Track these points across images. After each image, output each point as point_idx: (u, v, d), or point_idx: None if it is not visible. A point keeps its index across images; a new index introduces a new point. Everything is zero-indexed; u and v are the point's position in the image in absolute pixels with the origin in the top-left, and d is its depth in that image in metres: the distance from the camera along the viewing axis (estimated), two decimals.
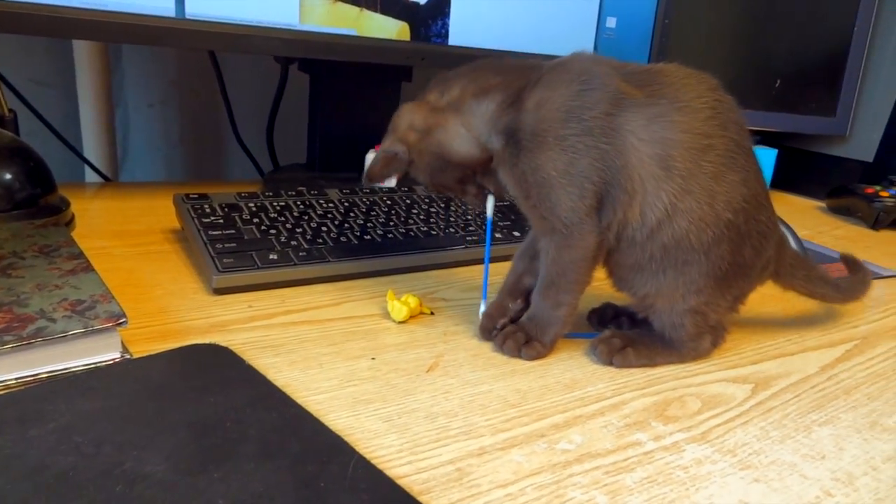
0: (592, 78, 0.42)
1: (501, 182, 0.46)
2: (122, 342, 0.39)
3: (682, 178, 0.42)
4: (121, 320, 0.37)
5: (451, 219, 0.66)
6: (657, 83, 0.43)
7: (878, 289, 0.68)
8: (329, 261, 0.55)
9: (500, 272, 0.51)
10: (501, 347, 0.46)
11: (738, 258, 0.44)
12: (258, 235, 0.56)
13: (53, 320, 0.37)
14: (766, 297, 0.58)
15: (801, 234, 0.77)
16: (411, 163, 0.46)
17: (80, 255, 0.45)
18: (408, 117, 0.45)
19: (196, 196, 0.60)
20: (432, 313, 0.51)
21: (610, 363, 0.46)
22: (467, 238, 0.62)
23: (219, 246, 0.53)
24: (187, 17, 0.60)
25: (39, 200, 0.58)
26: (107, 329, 0.37)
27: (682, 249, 0.43)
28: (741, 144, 0.44)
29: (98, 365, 0.37)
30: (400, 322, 0.49)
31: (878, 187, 0.97)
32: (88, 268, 0.43)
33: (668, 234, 0.43)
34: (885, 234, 0.92)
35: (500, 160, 0.44)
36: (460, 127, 0.44)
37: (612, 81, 0.42)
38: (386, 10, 0.69)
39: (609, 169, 0.41)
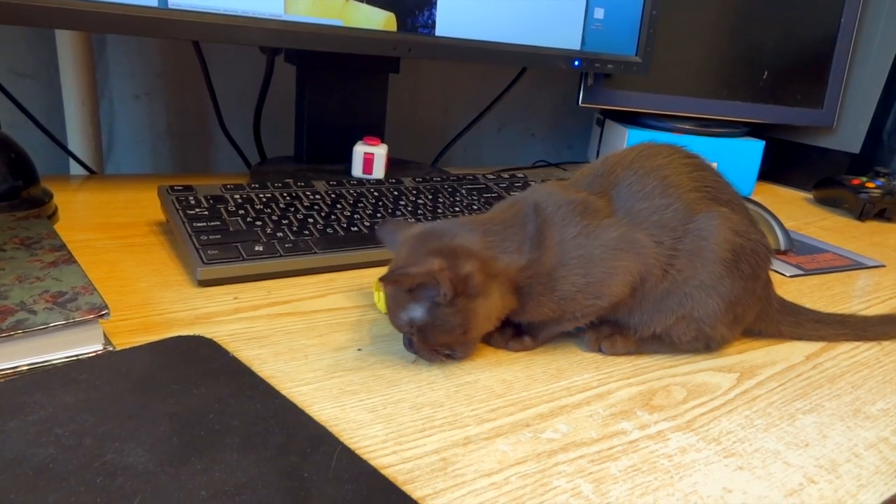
0: (581, 203, 0.44)
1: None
2: (105, 334, 0.39)
3: (672, 251, 0.44)
4: (102, 312, 0.37)
5: (439, 210, 0.66)
6: (611, 185, 0.45)
7: (863, 279, 0.69)
8: (315, 252, 0.54)
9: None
10: (489, 339, 0.46)
11: (735, 272, 0.45)
12: (244, 227, 0.55)
13: (34, 312, 0.36)
14: None
15: (787, 224, 0.78)
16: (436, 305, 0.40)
17: (63, 247, 0.45)
18: (469, 266, 0.40)
19: (181, 188, 0.59)
20: None
21: (598, 350, 0.46)
22: None
23: (203, 238, 0.52)
24: (170, 6, 0.59)
25: (21, 192, 0.57)
26: (88, 321, 0.37)
27: (680, 287, 0.45)
28: (701, 188, 0.45)
29: (80, 357, 0.37)
30: (386, 313, 0.49)
31: (864, 178, 0.97)
32: (70, 260, 0.43)
33: (664, 287, 0.45)
34: (871, 225, 0.93)
35: (519, 310, 0.44)
36: (501, 300, 0.42)
37: (593, 203, 0.44)
38: (372, 1, 0.69)
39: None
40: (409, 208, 0.65)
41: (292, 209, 0.60)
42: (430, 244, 0.41)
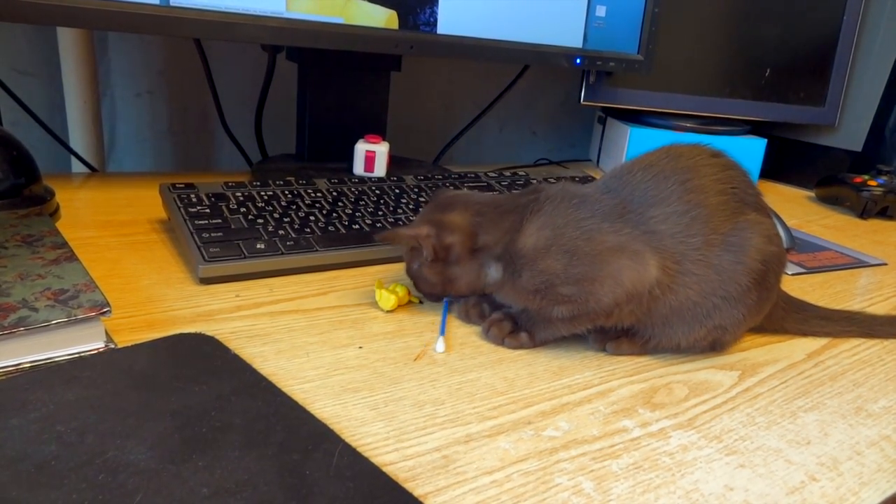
0: (585, 199, 0.44)
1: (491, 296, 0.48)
2: (107, 332, 0.39)
3: (676, 262, 0.43)
4: (104, 310, 0.37)
5: None
6: (624, 186, 0.45)
7: (865, 277, 0.69)
8: (317, 250, 0.54)
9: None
10: (486, 334, 0.46)
11: (763, 283, 0.44)
12: (245, 225, 0.55)
13: (36, 310, 0.36)
14: None
15: (790, 223, 0.78)
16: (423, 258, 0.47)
17: (64, 244, 0.45)
18: (454, 238, 0.45)
19: (182, 185, 0.59)
20: (421, 302, 0.51)
21: (603, 350, 0.46)
22: None
23: (205, 235, 0.52)
24: (172, 4, 0.59)
25: (23, 190, 0.57)
26: (90, 318, 0.37)
27: (708, 298, 0.44)
28: (727, 190, 0.44)
29: (82, 355, 0.37)
30: (388, 311, 0.49)
31: (866, 176, 0.97)
32: (72, 257, 0.43)
33: (677, 300, 0.44)
34: (873, 223, 0.93)
35: (499, 285, 0.46)
36: (478, 271, 0.46)
37: (602, 200, 0.44)
38: None
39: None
40: (411, 206, 0.65)
41: (294, 207, 0.60)
42: (434, 213, 0.47)
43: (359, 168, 0.77)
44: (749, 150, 1.03)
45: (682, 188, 0.43)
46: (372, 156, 0.76)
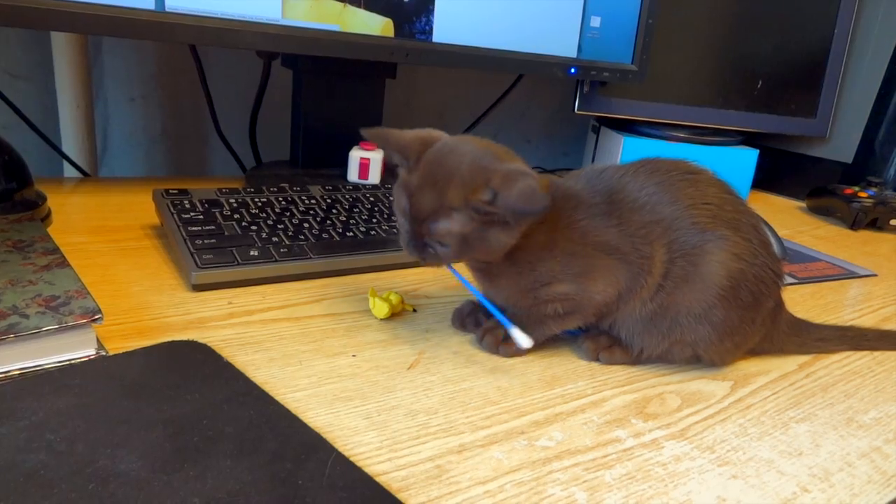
0: (580, 200, 0.45)
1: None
2: (98, 339, 0.38)
3: (662, 271, 0.44)
4: (96, 317, 0.37)
5: None
6: (611, 191, 0.45)
7: (855, 288, 0.69)
8: (310, 257, 0.54)
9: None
10: (481, 342, 0.46)
11: (732, 301, 0.43)
12: (239, 231, 0.55)
13: (27, 316, 0.36)
14: None
15: (781, 233, 0.78)
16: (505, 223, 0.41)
17: (56, 250, 0.45)
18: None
19: (176, 191, 0.59)
20: (414, 310, 0.51)
21: (596, 360, 0.46)
22: None
23: (198, 242, 0.52)
24: (167, 9, 0.59)
25: (14, 195, 0.57)
26: (81, 325, 0.36)
27: (668, 311, 0.44)
28: (696, 206, 0.44)
29: (72, 362, 0.37)
30: (381, 319, 0.49)
31: (856, 188, 0.98)
32: (64, 263, 0.43)
33: (658, 305, 0.44)
34: (863, 234, 0.93)
35: (497, 272, 0.45)
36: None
37: (593, 201, 0.45)
38: (370, 6, 0.69)
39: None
40: None
41: (287, 214, 0.60)
42: (507, 163, 0.42)
43: (353, 175, 0.77)
44: (741, 161, 1.04)
45: (656, 199, 0.44)
46: (366, 163, 0.76)
